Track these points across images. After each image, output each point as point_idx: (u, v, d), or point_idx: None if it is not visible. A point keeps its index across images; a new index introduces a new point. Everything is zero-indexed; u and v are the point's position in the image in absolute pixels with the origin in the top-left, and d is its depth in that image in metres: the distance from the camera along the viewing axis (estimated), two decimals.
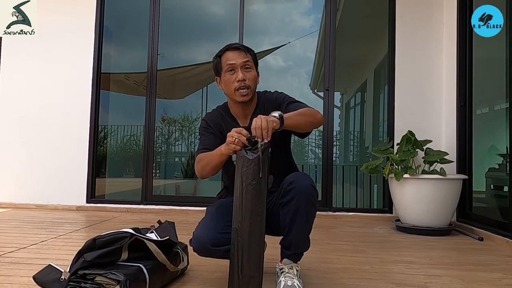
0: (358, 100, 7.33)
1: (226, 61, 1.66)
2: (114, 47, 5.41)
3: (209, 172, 1.58)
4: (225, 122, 1.73)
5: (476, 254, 2.44)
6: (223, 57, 1.69)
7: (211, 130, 1.72)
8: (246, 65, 1.66)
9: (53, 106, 4.20)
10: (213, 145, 1.60)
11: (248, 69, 1.66)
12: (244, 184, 1.37)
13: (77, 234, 2.82)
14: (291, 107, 1.66)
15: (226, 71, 1.67)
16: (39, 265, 1.59)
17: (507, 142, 2.85)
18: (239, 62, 1.65)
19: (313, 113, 1.60)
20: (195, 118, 6.90)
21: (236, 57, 1.65)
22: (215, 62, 1.73)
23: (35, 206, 4.09)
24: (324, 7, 4.24)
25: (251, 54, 1.70)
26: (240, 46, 1.70)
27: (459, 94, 3.49)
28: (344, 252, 2.40)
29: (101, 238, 1.43)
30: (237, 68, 1.65)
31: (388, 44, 3.99)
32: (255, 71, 1.70)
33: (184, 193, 5.92)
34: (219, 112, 1.78)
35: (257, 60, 1.74)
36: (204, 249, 1.53)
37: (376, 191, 4.71)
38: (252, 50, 1.73)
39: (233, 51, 1.67)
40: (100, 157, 5.02)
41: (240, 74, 1.64)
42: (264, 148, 1.37)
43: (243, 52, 1.67)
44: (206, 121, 1.75)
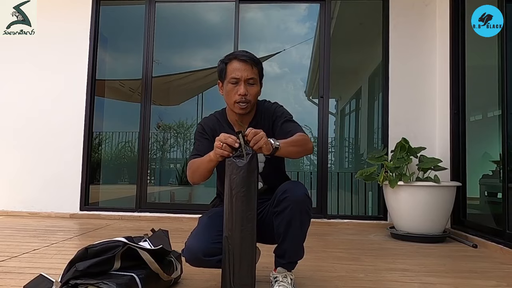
0: (353, 107, 7.36)
1: (232, 72, 1.63)
2: (109, 53, 5.40)
3: (199, 178, 1.58)
4: (220, 128, 1.72)
5: (470, 261, 2.44)
6: (230, 65, 1.65)
7: (206, 136, 1.71)
8: (250, 80, 1.63)
9: (47, 112, 4.18)
10: (206, 151, 1.58)
11: (252, 84, 1.64)
12: (234, 192, 1.38)
13: (70, 242, 2.79)
14: (286, 126, 1.65)
15: (229, 81, 1.64)
16: (31, 275, 1.58)
17: (500, 148, 2.87)
18: (244, 76, 1.62)
19: (305, 143, 1.58)
20: (190, 124, 6.88)
21: (242, 70, 1.62)
22: (220, 67, 1.69)
23: (28, 214, 4.05)
24: (318, 15, 4.27)
25: (258, 68, 1.67)
26: (248, 58, 1.64)
27: (453, 101, 3.52)
28: (339, 260, 2.39)
29: (94, 247, 1.42)
30: (240, 81, 1.62)
31: (382, 51, 4.03)
32: (258, 86, 1.67)
33: (179, 200, 5.89)
34: (216, 118, 1.77)
35: (263, 73, 1.71)
36: (197, 260, 1.52)
37: (371, 198, 4.71)
38: (260, 63, 1.69)
39: (240, 62, 1.63)
40: (94, 164, 5.00)
41: (242, 89, 1.61)
42: (251, 156, 1.37)
43: (249, 65, 1.63)
44: (202, 126, 1.75)
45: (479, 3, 2.96)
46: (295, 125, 1.67)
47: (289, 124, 1.66)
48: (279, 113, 1.71)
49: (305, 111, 6.91)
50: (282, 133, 1.64)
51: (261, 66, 1.69)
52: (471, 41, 3.45)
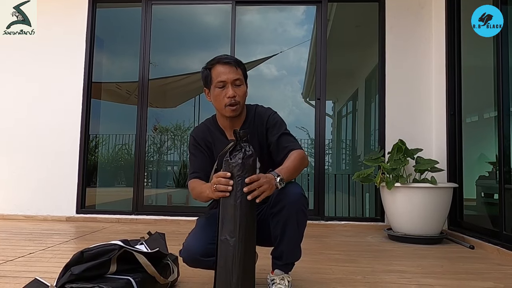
0: (350, 108, 7.38)
1: (217, 77, 1.62)
2: (105, 56, 5.39)
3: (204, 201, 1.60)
4: (212, 135, 1.72)
5: (467, 262, 2.44)
6: (213, 70, 1.65)
7: (200, 148, 1.71)
8: (237, 81, 1.63)
9: (43, 115, 4.16)
10: (203, 167, 1.64)
11: (238, 86, 1.64)
12: (239, 194, 1.37)
13: (66, 245, 2.78)
14: (281, 141, 1.64)
15: (216, 86, 1.64)
16: (26, 279, 1.57)
17: (496, 150, 2.89)
18: (230, 78, 1.61)
19: (302, 163, 1.58)
20: (187, 127, 6.87)
21: (227, 72, 1.62)
22: (204, 74, 1.69)
23: (24, 217, 4.02)
24: (315, 17, 4.28)
25: (241, 68, 1.67)
26: (231, 60, 1.65)
27: (449, 103, 3.53)
28: (337, 262, 2.39)
29: (89, 251, 1.41)
30: (227, 84, 1.62)
31: (378, 53, 4.04)
32: (244, 87, 1.67)
33: (176, 203, 5.88)
34: (206, 126, 1.76)
35: (247, 73, 1.72)
36: (194, 260, 1.53)
37: (368, 199, 4.72)
38: (242, 63, 1.69)
39: (224, 65, 1.63)
40: (91, 167, 4.97)
41: (231, 91, 1.61)
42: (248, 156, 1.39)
43: (233, 67, 1.63)
44: (194, 138, 1.73)
45: (474, 5, 2.98)
46: (291, 139, 1.67)
47: (285, 139, 1.65)
48: (273, 122, 1.69)
49: (302, 113, 6.93)
50: (278, 149, 1.64)
51: (244, 67, 1.69)
52: (467, 42, 3.47)
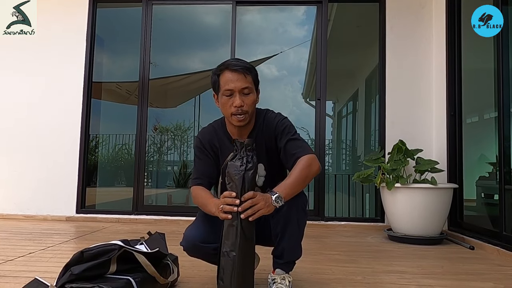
0: (350, 109, 7.37)
1: (225, 85, 1.56)
2: (106, 56, 5.39)
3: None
4: (219, 140, 1.68)
5: (467, 263, 2.44)
6: (222, 77, 1.58)
7: (205, 152, 1.68)
8: (245, 90, 1.56)
9: (43, 115, 4.15)
10: (206, 173, 1.64)
11: (247, 94, 1.57)
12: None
13: (66, 245, 2.77)
14: (290, 147, 1.58)
15: (223, 94, 1.58)
16: (26, 278, 1.56)
17: (497, 150, 2.88)
18: (237, 87, 1.55)
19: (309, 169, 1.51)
20: (187, 127, 6.88)
21: (235, 80, 1.55)
22: (213, 79, 1.63)
23: (23, 217, 4.02)
24: (315, 17, 4.28)
25: (252, 75, 1.59)
26: (240, 68, 1.56)
27: (449, 104, 3.52)
28: (337, 262, 2.38)
29: (89, 251, 1.41)
30: (235, 93, 1.56)
31: (378, 54, 4.03)
32: (254, 95, 1.60)
33: (176, 203, 5.87)
34: (214, 129, 1.72)
35: (258, 79, 1.64)
36: (194, 247, 1.57)
37: (368, 200, 4.72)
38: (253, 69, 1.61)
39: (232, 72, 1.56)
40: (91, 166, 4.97)
41: (238, 100, 1.54)
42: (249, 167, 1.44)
43: (242, 75, 1.55)
44: (200, 140, 1.70)
45: (475, 5, 2.97)
46: (298, 144, 1.59)
47: (293, 144, 1.59)
48: (281, 128, 1.62)
49: (302, 113, 6.94)
50: (286, 156, 1.59)
51: (255, 73, 1.61)
52: (467, 43, 3.46)
